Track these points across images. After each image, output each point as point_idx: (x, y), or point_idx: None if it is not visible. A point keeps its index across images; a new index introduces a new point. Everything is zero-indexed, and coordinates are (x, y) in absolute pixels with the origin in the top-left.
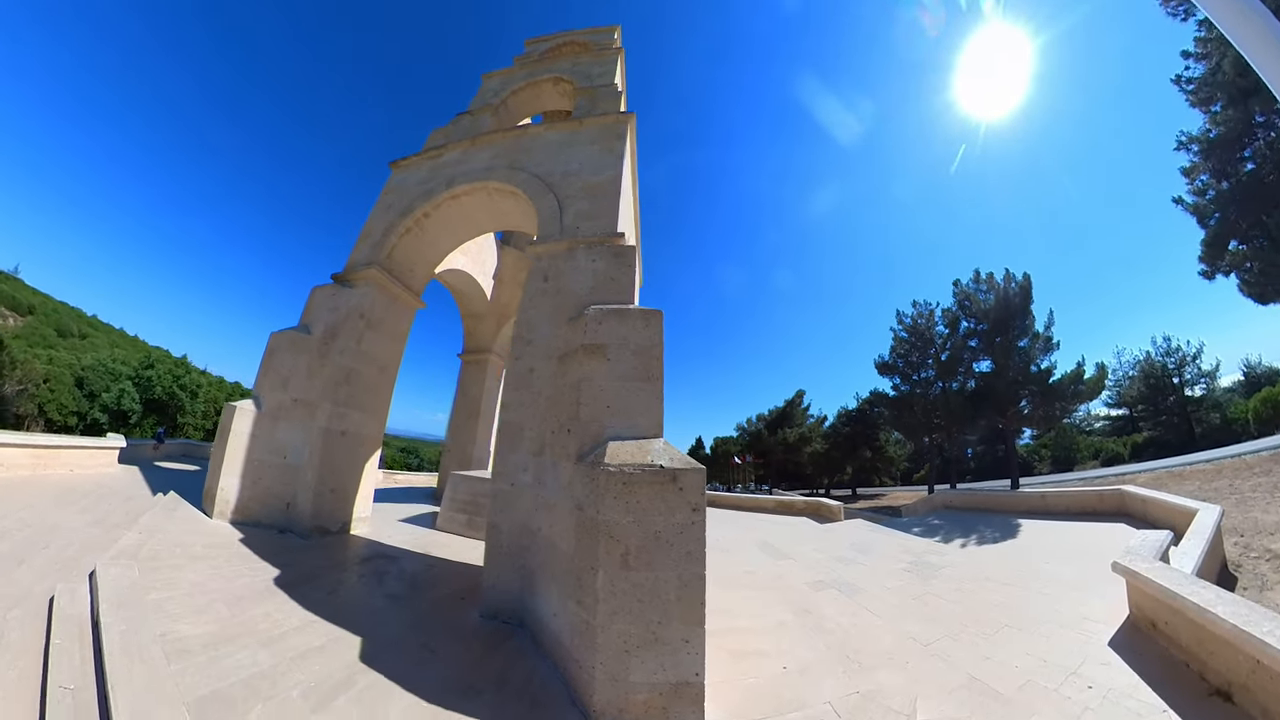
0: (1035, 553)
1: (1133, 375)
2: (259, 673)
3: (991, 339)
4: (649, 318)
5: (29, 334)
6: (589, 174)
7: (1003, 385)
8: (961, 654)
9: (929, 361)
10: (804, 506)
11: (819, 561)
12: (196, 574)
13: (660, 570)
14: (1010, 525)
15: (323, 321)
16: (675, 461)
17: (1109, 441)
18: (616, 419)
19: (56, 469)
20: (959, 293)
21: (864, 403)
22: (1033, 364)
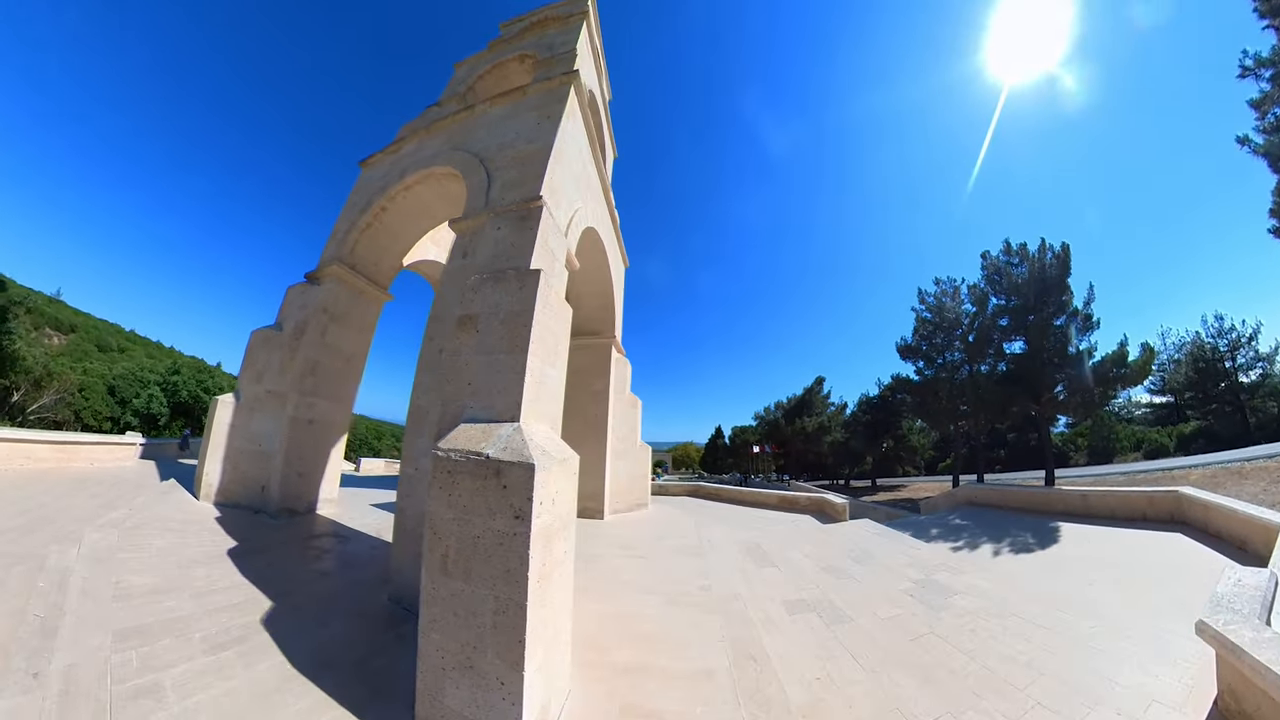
0: (1075, 571)
1: (1179, 359)
2: (178, 617)
3: (1024, 317)
4: (524, 279)
5: (72, 350)
6: (523, 143)
7: (1036, 368)
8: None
9: (955, 343)
10: (808, 503)
11: (806, 572)
12: (165, 542)
13: (477, 584)
14: (1044, 530)
15: (293, 318)
16: (508, 453)
17: (1152, 431)
18: (476, 398)
19: (78, 462)
20: (988, 266)
21: (886, 389)
22: (1070, 344)
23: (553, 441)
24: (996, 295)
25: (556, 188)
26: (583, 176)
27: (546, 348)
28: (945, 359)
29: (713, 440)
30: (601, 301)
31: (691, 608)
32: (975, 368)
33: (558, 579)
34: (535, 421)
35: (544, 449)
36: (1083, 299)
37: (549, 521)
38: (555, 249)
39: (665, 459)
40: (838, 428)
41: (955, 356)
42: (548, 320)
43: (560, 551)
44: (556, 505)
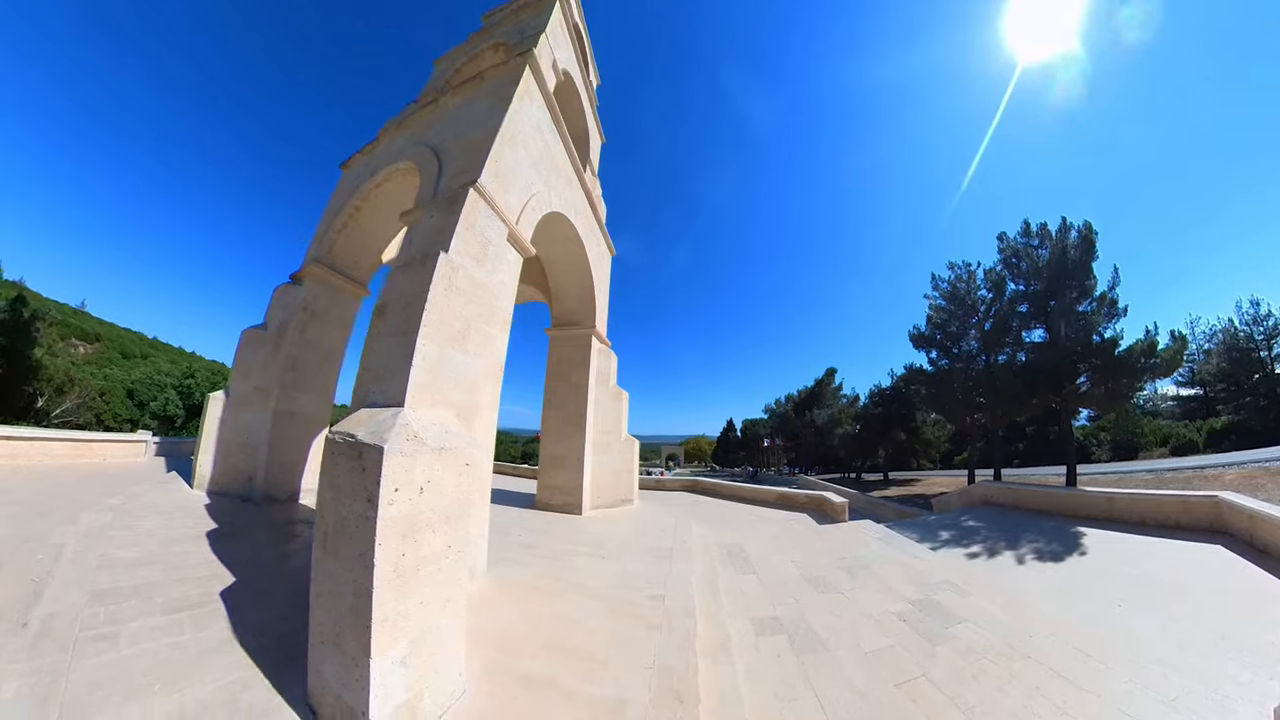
0: (1100, 589)
1: (1209, 348)
2: (148, 584)
3: (1044, 303)
4: (425, 263)
5: (97, 359)
6: (474, 130)
7: (1058, 358)
8: None
9: (971, 332)
10: (806, 501)
11: (788, 583)
12: (152, 523)
13: (343, 565)
14: (1066, 537)
15: (277, 317)
16: (371, 435)
17: (1179, 426)
18: (378, 383)
19: (91, 458)
20: (1005, 249)
21: (899, 380)
22: (1094, 332)
23: (438, 428)
24: (1014, 280)
25: (504, 172)
26: (545, 160)
27: (449, 331)
28: (961, 348)
29: (724, 434)
30: (581, 291)
31: (633, 620)
32: (992, 357)
33: (431, 575)
34: (429, 407)
35: (417, 434)
36: (1107, 283)
37: (410, 510)
38: (488, 232)
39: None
40: (849, 420)
41: (971, 346)
42: (450, 302)
43: (437, 546)
44: (426, 495)
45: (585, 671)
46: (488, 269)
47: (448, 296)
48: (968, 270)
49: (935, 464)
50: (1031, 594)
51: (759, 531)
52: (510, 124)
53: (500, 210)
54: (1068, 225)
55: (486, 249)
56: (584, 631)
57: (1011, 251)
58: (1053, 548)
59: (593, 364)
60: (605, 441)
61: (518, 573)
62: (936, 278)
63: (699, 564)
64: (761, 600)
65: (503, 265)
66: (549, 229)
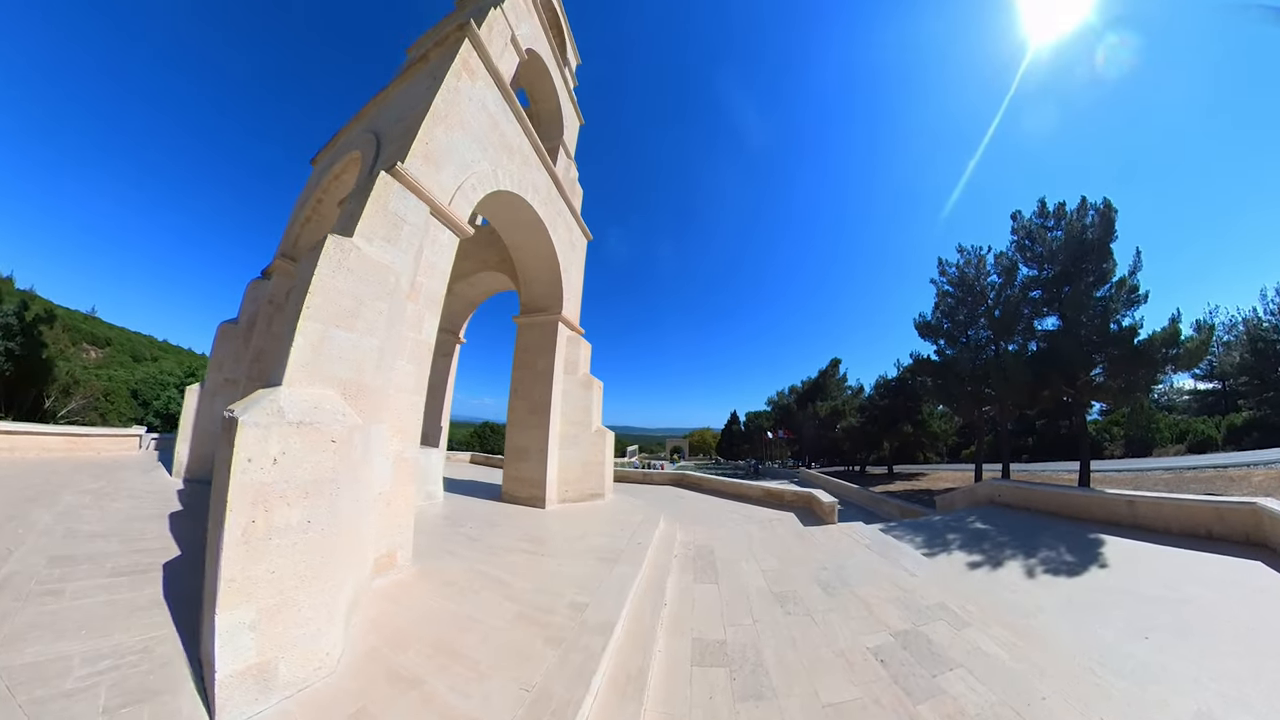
0: (1126, 616)
1: (1229, 340)
2: (102, 552)
3: (1059, 288)
4: (319, 245)
5: (108, 362)
6: (412, 111)
7: (1072, 347)
8: None
9: (980, 320)
10: (793, 499)
11: (751, 597)
12: (123, 505)
13: (211, 527)
14: (1082, 545)
15: (248, 311)
16: (240, 410)
17: (1197, 421)
18: (275, 365)
19: (86, 451)
20: (1018, 230)
21: (905, 370)
22: (1112, 320)
23: (306, 404)
24: (1027, 264)
25: (437, 151)
26: (492, 138)
27: (337, 310)
28: (969, 337)
29: (728, 426)
30: (549, 276)
31: (537, 630)
32: (1002, 347)
33: (285, 548)
34: (311, 385)
35: (281, 409)
36: (1127, 267)
37: (264, 480)
38: (403, 212)
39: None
40: (853, 412)
41: (981, 334)
42: (339, 282)
43: (294, 519)
44: (281, 467)
45: (459, 679)
46: (400, 249)
47: (335, 276)
48: (977, 255)
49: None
50: (1042, 616)
51: (735, 532)
52: (445, 102)
53: (424, 190)
54: (1086, 205)
55: (400, 229)
56: (479, 635)
57: (1025, 233)
58: (1067, 558)
59: (559, 351)
60: (573, 433)
61: (448, 565)
62: (944, 262)
63: (650, 569)
64: (713, 617)
65: (433, 245)
66: (508, 212)
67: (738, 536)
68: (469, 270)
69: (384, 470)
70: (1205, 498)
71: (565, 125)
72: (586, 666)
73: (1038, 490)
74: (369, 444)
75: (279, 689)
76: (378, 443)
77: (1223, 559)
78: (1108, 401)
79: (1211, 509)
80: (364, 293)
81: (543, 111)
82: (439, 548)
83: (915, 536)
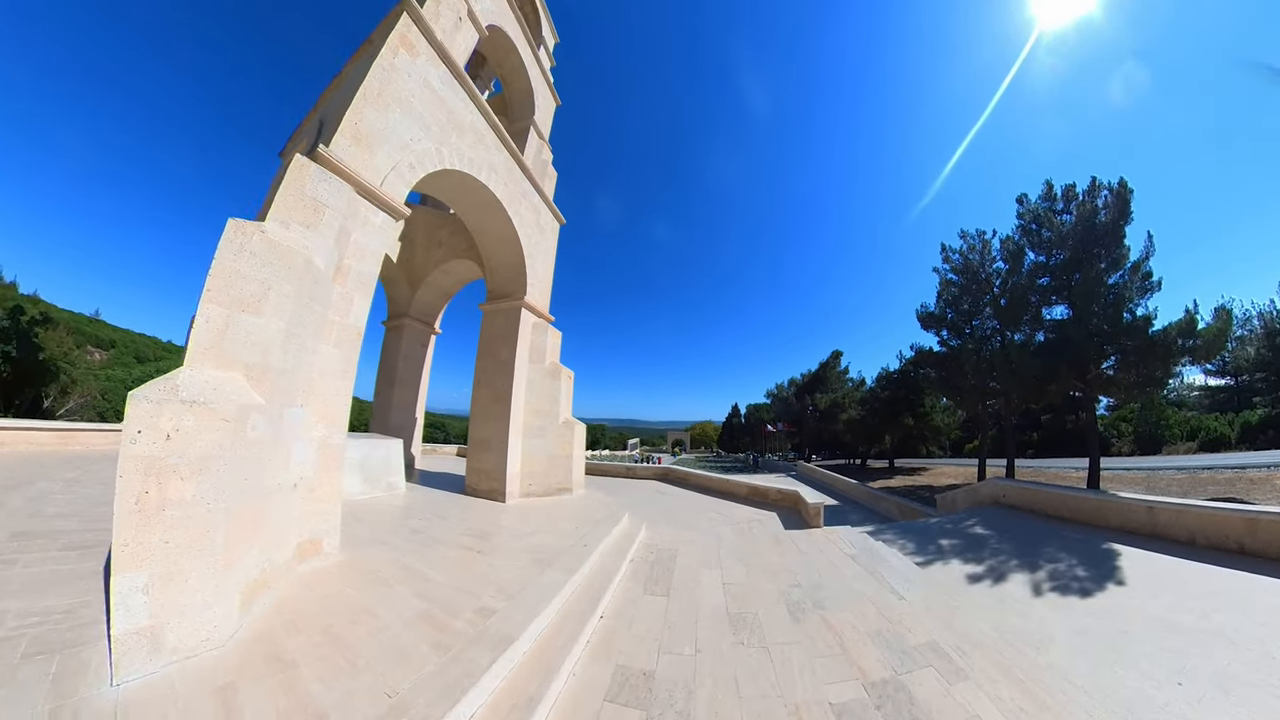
0: (1152, 653)
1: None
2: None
3: (1068, 275)
4: None
5: (112, 363)
6: (351, 92)
7: (1082, 337)
8: None
9: (985, 309)
10: (778, 498)
11: (702, 618)
12: (93, 490)
13: None
14: (1097, 556)
15: None
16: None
17: (1209, 419)
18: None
19: (75, 446)
20: (1025, 214)
21: (908, 362)
22: (1125, 309)
23: (203, 384)
24: (1034, 249)
25: (370, 132)
26: (437, 116)
27: (240, 294)
28: (973, 327)
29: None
30: (512, 259)
31: (429, 633)
32: (1008, 337)
33: (177, 519)
34: (214, 368)
35: (176, 387)
36: (1140, 251)
37: (154, 453)
38: (323, 195)
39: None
40: (854, 405)
41: (986, 325)
42: (243, 266)
43: (186, 494)
44: (173, 442)
45: (330, 671)
46: (320, 232)
47: (237, 260)
48: (981, 240)
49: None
50: (1053, 650)
51: (706, 535)
52: (378, 80)
53: (350, 172)
54: (1097, 186)
55: (320, 212)
56: (370, 630)
57: (1032, 216)
58: (1080, 572)
59: (523, 338)
60: (538, 424)
61: (377, 556)
62: (947, 248)
63: (591, 575)
64: (649, 641)
65: (364, 227)
66: (463, 194)
67: (708, 540)
68: (442, 258)
69: (305, 456)
70: (1236, 506)
71: (537, 106)
72: (461, 683)
73: (1045, 492)
74: (280, 427)
75: (167, 653)
76: (293, 427)
77: (1260, 580)
78: (1119, 396)
79: (1243, 519)
80: (269, 276)
81: (512, 91)
82: (377, 538)
83: (910, 541)
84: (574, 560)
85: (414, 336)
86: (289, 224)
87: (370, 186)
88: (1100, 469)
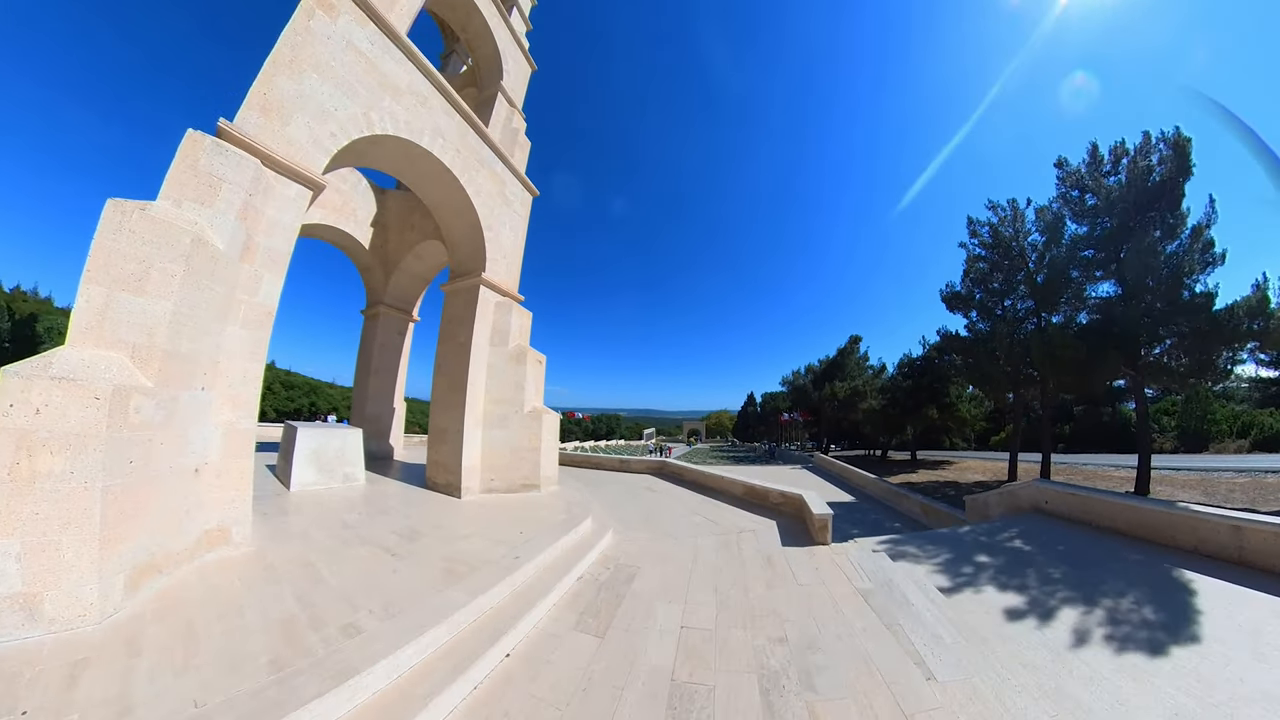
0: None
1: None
2: None
3: (1117, 246)
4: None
5: None
6: None
7: (1134, 317)
8: None
9: (1019, 287)
10: (780, 501)
11: (627, 687)
12: None
13: None
14: (1172, 594)
15: None
16: None
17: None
18: None
19: None
20: (1065, 179)
21: (932, 348)
22: (1183, 285)
23: (78, 363)
24: (1076, 219)
25: (281, 101)
26: (366, 79)
27: (121, 274)
28: (1005, 309)
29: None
30: (470, 231)
31: (283, 645)
32: (1045, 319)
33: (48, 492)
34: (96, 348)
35: (49, 364)
36: (1199, 217)
37: (24, 426)
38: (219, 170)
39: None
40: (874, 394)
41: (1019, 306)
42: (123, 245)
43: (57, 468)
44: (43, 417)
45: (165, 666)
46: (218, 209)
47: (116, 239)
48: (1014, 209)
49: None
50: None
51: (685, 546)
52: (290, 46)
53: (254, 143)
54: (1151, 140)
55: (217, 188)
56: (226, 630)
57: (1074, 181)
58: (1152, 614)
59: (483, 319)
60: (500, 413)
61: (286, 550)
62: (975, 221)
63: (509, 600)
64: (544, 711)
65: (276, 201)
66: (408, 164)
67: (682, 553)
68: (413, 241)
69: (209, 440)
70: None
71: (506, 71)
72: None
73: (1099, 500)
74: (175, 409)
75: (44, 623)
76: (193, 410)
77: None
78: (1172, 385)
79: None
80: (150, 255)
81: (479, 57)
82: (302, 531)
83: (936, 558)
84: (490, 577)
85: (390, 325)
86: (181, 202)
87: (278, 157)
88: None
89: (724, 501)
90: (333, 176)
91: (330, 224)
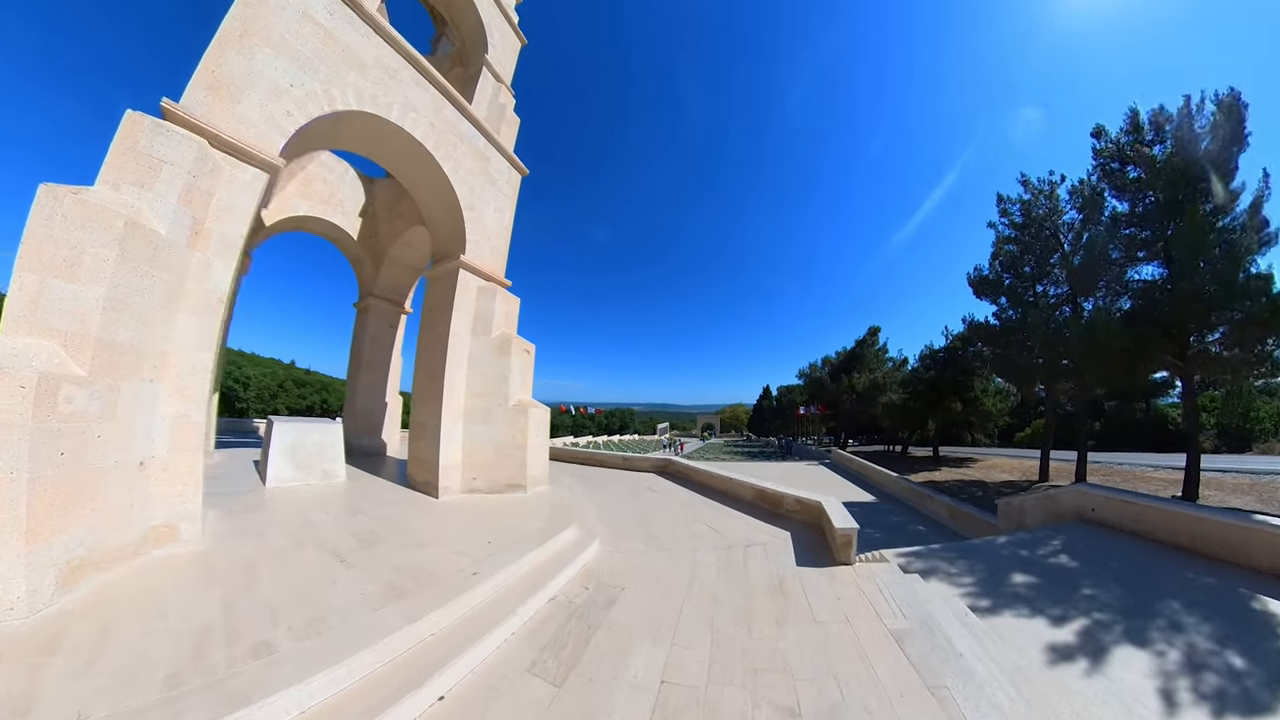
0: None
1: None
2: None
3: (1163, 223)
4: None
5: None
6: None
7: (1183, 301)
8: None
9: (1052, 270)
10: (795, 508)
11: None
12: None
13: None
14: (1254, 629)
15: None
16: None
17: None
18: None
19: None
20: (1104, 151)
21: (956, 338)
22: (1241, 265)
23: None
24: (1117, 195)
25: (232, 78)
26: (325, 53)
27: (53, 260)
28: (1037, 294)
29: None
30: (448, 213)
31: (185, 659)
32: (1080, 305)
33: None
34: (27, 336)
35: None
36: (1255, 188)
37: None
38: (160, 152)
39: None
40: (894, 386)
41: (1053, 291)
42: (56, 231)
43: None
44: None
45: (71, 670)
46: (158, 192)
47: (49, 225)
48: (1050, 185)
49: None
50: None
51: (681, 563)
52: (240, 19)
53: (200, 123)
54: (1196, 104)
55: (158, 171)
56: (144, 634)
57: (1113, 154)
58: (1234, 659)
59: (463, 305)
60: (483, 407)
61: (235, 549)
62: (1004, 199)
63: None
64: None
65: (226, 185)
66: (380, 142)
67: (678, 573)
68: (401, 229)
69: (157, 433)
70: None
71: (491, 44)
72: None
73: (1156, 509)
74: (115, 400)
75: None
76: (137, 401)
77: None
78: (1223, 378)
79: None
80: (82, 240)
81: (463, 32)
82: (260, 529)
83: (971, 577)
84: (436, 597)
85: (381, 317)
86: (120, 185)
87: (229, 138)
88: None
89: (732, 506)
90: (318, 166)
91: (318, 215)
